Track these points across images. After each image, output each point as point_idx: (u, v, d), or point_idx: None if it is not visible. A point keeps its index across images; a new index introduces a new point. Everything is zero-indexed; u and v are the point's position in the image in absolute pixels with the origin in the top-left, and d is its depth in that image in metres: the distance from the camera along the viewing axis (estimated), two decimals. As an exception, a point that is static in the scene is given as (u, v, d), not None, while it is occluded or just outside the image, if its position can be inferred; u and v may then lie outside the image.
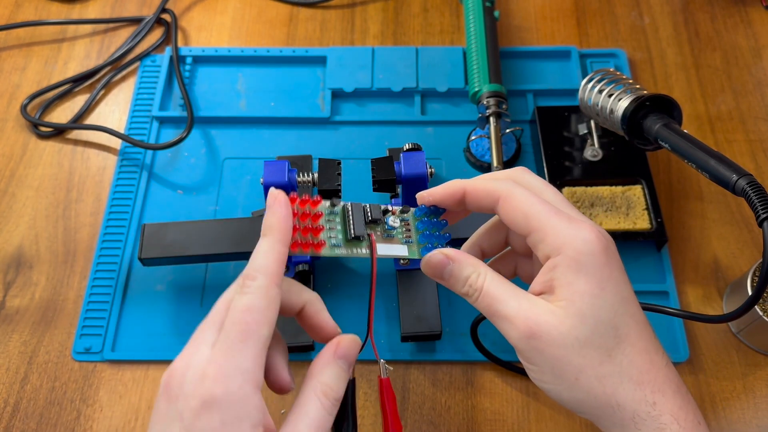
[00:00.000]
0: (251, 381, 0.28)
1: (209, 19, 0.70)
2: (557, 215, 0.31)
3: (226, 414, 0.27)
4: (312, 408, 0.29)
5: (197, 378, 0.27)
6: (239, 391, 0.27)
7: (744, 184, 0.39)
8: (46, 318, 0.52)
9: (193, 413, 0.27)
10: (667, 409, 0.30)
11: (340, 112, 0.63)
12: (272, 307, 0.29)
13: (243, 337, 0.28)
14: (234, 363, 0.28)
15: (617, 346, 0.30)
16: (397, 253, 0.35)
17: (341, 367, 0.31)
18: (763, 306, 0.48)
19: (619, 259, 0.32)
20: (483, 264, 0.33)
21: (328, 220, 0.34)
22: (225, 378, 0.27)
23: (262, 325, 0.29)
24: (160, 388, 0.29)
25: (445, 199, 0.35)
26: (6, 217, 0.57)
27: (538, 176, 0.35)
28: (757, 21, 0.68)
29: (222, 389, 0.27)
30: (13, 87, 0.65)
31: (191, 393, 0.27)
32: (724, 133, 0.61)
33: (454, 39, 0.68)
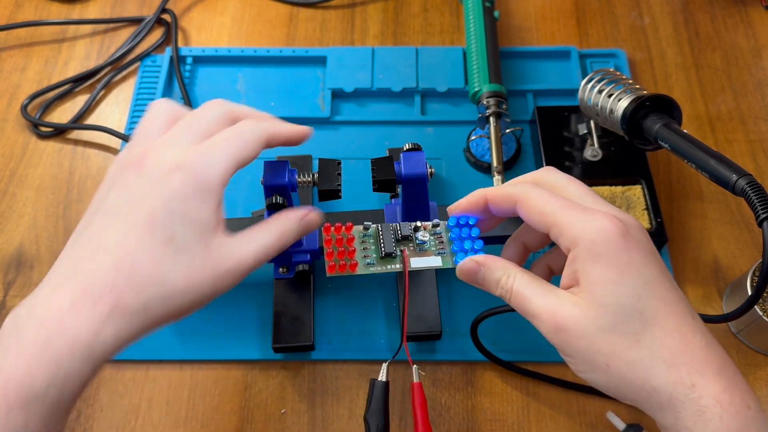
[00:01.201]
0: (221, 175, 0.33)
1: (209, 19, 0.70)
2: (571, 208, 0.32)
3: (198, 185, 0.32)
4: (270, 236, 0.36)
5: (175, 155, 0.33)
6: (212, 176, 0.33)
7: (744, 184, 0.39)
8: (46, 318, 0.52)
9: (166, 174, 0.32)
10: (709, 392, 0.29)
11: (340, 112, 0.63)
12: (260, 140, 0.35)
13: (224, 151, 0.34)
14: (214, 156, 0.33)
15: (645, 329, 0.30)
16: (432, 264, 0.37)
17: (301, 227, 0.38)
18: (763, 306, 0.48)
19: (643, 242, 0.31)
20: (513, 266, 0.34)
21: (362, 242, 0.38)
22: (203, 160, 0.33)
23: (243, 149, 0.34)
24: (127, 164, 0.34)
25: (470, 208, 0.36)
26: (6, 217, 0.57)
27: (563, 173, 0.35)
28: (757, 21, 0.69)
29: (200, 164, 0.33)
30: (13, 87, 0.65)
31: (168, 163, 0.33)
32: (724, 133, 0.61)
33: (454, 39, 0.68)
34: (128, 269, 0.31)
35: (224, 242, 0.34)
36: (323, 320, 0.52)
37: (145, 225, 0.32)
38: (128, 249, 0.31)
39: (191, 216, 0.32)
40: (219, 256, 0.33)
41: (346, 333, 0.51)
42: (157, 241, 0.31)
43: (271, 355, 0.50)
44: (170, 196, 0.32)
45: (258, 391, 0.49)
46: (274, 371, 0.50)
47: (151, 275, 0.31)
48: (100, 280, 0.31)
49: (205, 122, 0.35)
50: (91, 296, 0.30)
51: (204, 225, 0.33)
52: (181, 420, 0.48)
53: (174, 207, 0.32)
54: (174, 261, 0.32)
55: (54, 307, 0.30)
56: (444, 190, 0.58)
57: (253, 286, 0.52)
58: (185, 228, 0.32)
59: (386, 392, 0.37)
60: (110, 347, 0.31)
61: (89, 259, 0.31)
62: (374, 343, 0.51)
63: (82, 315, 0.30)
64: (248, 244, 0.35)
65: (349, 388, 0.49)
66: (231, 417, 0.48)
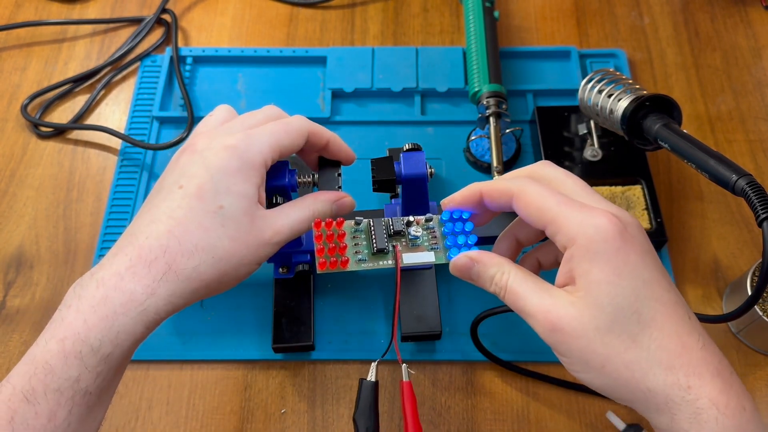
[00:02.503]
0: (263, 156, 0.37)
1: (209, 20, 0.70)
2: (569, 205, 0.31)
3: (241, 162, 0.36)
4: (304, 212, 0.39)
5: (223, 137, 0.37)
6: (255, 155, 0.37)
7: (744, 184, 0.39)
8: (46, 318, 0.52)
9: (214, 153, 0.36)
10: (705, 393, 0.28)
11: (340, 112, 0.63)
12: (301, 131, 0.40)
13: (268, 136, 0.38)
14: (256, 138, 0.37)
15: (642, 331, 0.29)
16: (424, 260, 0.37)
17: (333, 210, 0.41)
18: (762, 306, 0.48)
19: (640, 241, 0.31)
20: (508, 262, 0.34)
21: (353, 238, 0.37)
22: (247, 141, 0.37)
23: (285, 137, 0.38)
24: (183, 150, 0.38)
25: (464, 202, 0.36)
26: (6, 217, 0.57)
27: (559, 168, 0.35)
28: (757, 21, 0.69)
29: (243, 144, 0.37)
30: (13, 87, 0.65)
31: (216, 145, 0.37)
32: (724, 133, 0.61)
33: (454, 39, 0.68)
34: (180, 235, 0.34)
35: (265, 214, 0.37)
36: (323, 320, 0.52)
37: (195, 196, 0.35)
38: (180, 217, 0.35)
39: (236, 189, 0.36)
40: (260, 226, 0.36)
41: (346, 333, 0.51)
42: (207, 210, 0.35)
43: (271, 355, 0.50)
44: (218, 171, 0.36)
45: (258, 391, 0.49)
46: (274, 371, 0.50)
47: (201, 240, 0.34)
48: (154, 244, 0.34)
49: (256, 118, 0.40)
50: (147, 259, 0.33)
51: (248, 198, 0.36)
52: (181, 420, 0.48)
53: (221, 180, 0.35)
54: (222, 228, 0.35)
55: (113, 269, 0.33)
56: (444, 190, 0.58)
57: (253, 286, 0.52)
58: (231, 199, 0.35)
59: (375, 392, 0.37)
60: (163, 309, 0.33)
61: (145, 228, 0.35)
62: (374, 343, 0.51)
63: (138, 275, 0.33)
64: (285, 218, 0.38)
65: (349, 388, 0.49)
66: (231, 417, 0.48)
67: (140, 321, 0.33)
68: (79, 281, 0.34)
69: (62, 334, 0.32)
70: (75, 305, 0.33)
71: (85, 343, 0.32)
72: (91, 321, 0.32)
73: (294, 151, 0.40)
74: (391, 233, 0.37)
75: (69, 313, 0.33)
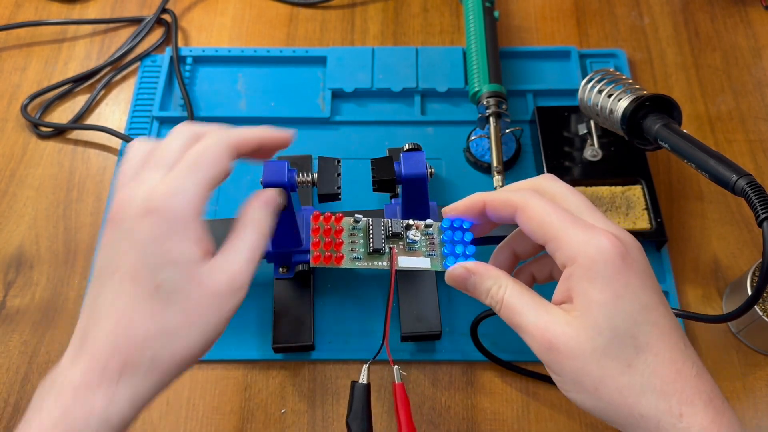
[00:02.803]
0: (192, 204, 0.32)
1: (209, 20, 0.70)
2: (573, 223, 0.31)
3: (169, 224, 0.31)
4: (248, 233, 0.35)
5: (142, 198, 0.32)
6: (182, 210, 0.32)
7: (744, 184, 0.39)
8: (46, 318, 0.52)
9: (136, 222, 0.31)
10: (697, 422, 0.28)
11: (340, 112, 0.63)
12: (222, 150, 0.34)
13: (188, 178, 0.32)
14: (179, 188, 0.32)
15: (638, 355, 0.29)
16: (420, 265, 0.36)
17: (267, 210, 0.37)
18: (763, 306, 0.48)
19: (641, 265, 0.31)
20: (505, 275, 0.33)
21: (351, 235, 0.37)
22: (169, 195, 0.32)
23: (208, 168, 0.33)
24: (108, 219, 0.33)
25: (467, 212, 0.36)
26: (6, 217, 0.57)
27: (563, 183, 0.34)
28: (757, 21, 0.69)
29: (164, 203, 0.31)
30: (13, 87, 0.65)
31: (136, 210, 0.32)
32: (724, 133, 0.61)
33: (454, 39, 0.68)
34: (125, 329, 0.31)
35: (213, 266, 0.33)
36: (323, 320, 0.52)
37: (130, 280, 0.31)
38: (121, 309, 0.31)
39: (171, 257, 0.31)
40: (212, 282, 0.32)
41: (346, 333, 0.51)
42: (146, 293, 0.31)
43: (271, 355, 0.50)
44: (145, 244, 0.31)
45: (258, 391, 0.49)
46: (274, 371, 0.50)
47: (150, 328, 0.31)
48: (103, 346, 0.31)
49: (170, 151, 0.34)
50: (98, 364, 0.30)
51: (187, 260, 0.32)
52: (180, 420, 0.48)
53: (151, 254, 0.31)
54: (168, 306, 0.31)
55: (68, 380, 0.30)
56: (444, 190, 0.58)
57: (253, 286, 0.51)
58: (169, 271, 0.31)
59: (367, 394, 0.36)
60: (128, 412, 0.31)
61: (93, 328, 0.31)
62: (374, 343, 0.51)
63: (93, 384, 0.30)
64: (235, 255, 0.34)
65: (349, 388, 0.49)
66: (231, 417, 0.48)
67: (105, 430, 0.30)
68: (42, 386, 0.31)
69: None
70: (37, 420, 0.30)
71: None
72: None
73: (226, 175, 0.34)
74: (389, 235, 0.37)
75: (31, 428, 0.30)
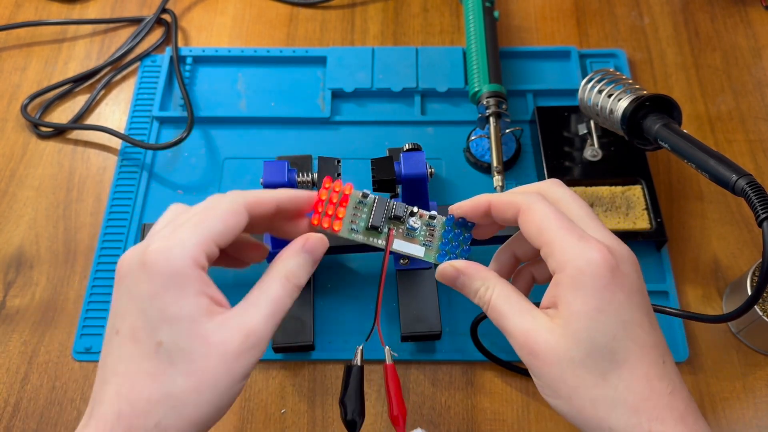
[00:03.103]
0: (189, 257, 0.30)
1: (209, 20, 0.70)
2: (569, 231, 0.31)
3: (165, 278, 0.29)
4: (274, 286, 0.32)
5: (139, 254, 0.30)
6: (178, 262, 0.29)
7: (744, 184, 0.39)
8: (46, 318, 0.52)
9: (135, 279, 0.30)
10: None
11: (340, 112, 0.63)
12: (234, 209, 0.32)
13: (190, 231, 0.30)
14: (176, 241, 0.30)
15: (613, 370, 0.29)
16: (414, 252, 0.36)
17: (306, 259, 0.33)
18: (762, 306, 0.48)
19: (631, 280, 0.31)
20: (494, 277, 0.34)
21: (355, 208, 0.36)
22: (165, 249, 0.29)
23: (215, 222, 0.31)
24: (115, 278, 0.31)
25: (471, 211, 0.36)
26: (6, 217, 0.57)
27: (568, 189, 0.35)
28: (757, 21, 0.69)
29: (161, 257, 0.29)
30: (13, 87, 0.65)
31: (134, 265, 0.30)
32: (724, 133, 0.61)
33: (454, 39, 0.68)
34: (128, 393, 0.29)
35: (224, 321, 0.30)
36: (323, 320, 0.52)
37: (130, 340, 0.29)
38: (122, 372, 0.29)
39: (169, 313, 0.29)
40: (221, 339, 0.29)
41: (346, 333, 0.51)
42: (146, 353, 0.29)
43: (271, 355, 0.50)
44: (143, 300, 0.29)
45: (258, 391, 0.49)
46: (274, 371, 0.50)
47: (153, 392, 0.29)
48: (107, 412, 0.29)
49: (190, 213, 0.32)
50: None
51: (189, 316, 0.29)
52: (181, 420, 0.48)
53: (149, 311, 0.29)
54: (171, 368, 0.29)
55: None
56: (444, 190, 0.58)
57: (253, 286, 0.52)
58: (169, 328, 0.29)
59: (361, 376, 0.37)
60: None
61: (99, 392, 0.30)
62: (374, 343, 0.50)
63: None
64: (254, 309, 0.31)
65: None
66: (231, 417, 0.48)
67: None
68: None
69: None
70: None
71: None
72: None
73: (234, 234, 0.32)
74: (391, 216, 0.37)
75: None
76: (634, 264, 0.32)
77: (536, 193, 0.34)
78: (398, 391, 0.36)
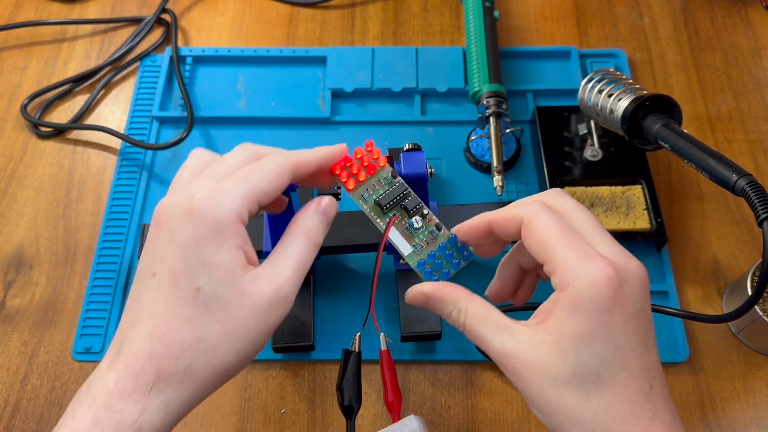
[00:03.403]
0: (235, 211, 0.31)
1: (209, 19, 0.70)
2: (572, 248, 0.30)
3: (210, 227, 0.30)
4: (298, 244, 0.33)
5: (186, 201, 0.31)
6: (224, 213, 0.30)
7: (744, 184, 0.39)
8: (46, 318, 0.52)
9: (179, 224, 0.30)
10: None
11: (340, 112, 0.63)
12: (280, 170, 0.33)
13: (238, 186, 0.31)
14: (224, 193, 0.31)
15: (596, 392, 0.29)
16: (401, 248, 0.36)
17: (321, 219, 0.35)
18: (763, 306, 0.48)
19: (633, 303, 0.30)
20: (465, 298, 0.33)
21: (378, 181, 0.37)
22: (213, 200, 0.31)
23: (261, 181, 0.32)
24: (152, 220, 0.32)
25: (471, 233, 0.35)
26: (6, 217, 0.57)
27: (571, 199, 0.33)
28: (757, 21, 0.69)
29: (209, 206, 0.30)
30: (13, 87, 0.65)
31: (180, 212, 0.31)
32: (724, 133, 0.61)
33: (454, 39, 0.68)
34: (162, 335, 0.30)
35: (257, 275, 0.31)
36: (323, 320, 0.52)
37: (170, 283, 0.30)
38: (159, 314, 0.30)
39: (211, 261, 0.30)
40: (255, 291, 0.31)
41: (346, 333, 0.51)
42: (185, 298, 0.30)
43: (271, 355, 0.50)
44: (186, 246, 0.30)
45: (258, 391, 0.49)
46: (274, 371, 0.50)
47: (187, 336, 0.30)
48: (138, 352, 0.30)
49: (227, 165, 0.33)
50: (132, 370, 0.29)
51: (228, 267, 0.30)
52: (181, 420, 0.48)
53: (191, 257, 0.30)
54: (207, 314, 0.30)
55: (103, 384, 0.30)
56: (444, 190, 0.58)
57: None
58: (209, 276, 0.30)
59: (358, 362, 0.37)
60: (160, 423, 0.30)
61: (129, 331, 0.31)
62: (374, 343, 0.50)
63: (126, 391, 0.29)
64: (283, 264, 0.32)
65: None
66: (231, 417, 0.48)
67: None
68: (79, 392, 0.31)
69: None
70: (69, 425, 0.30)
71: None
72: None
73: (276, 193, 0.33)
74: (402, 204, 0.37)
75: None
76: (640, 282, 0.30)
77: (538, 202, 0.32)
78: (393, 377, 0.37)
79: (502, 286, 0.37)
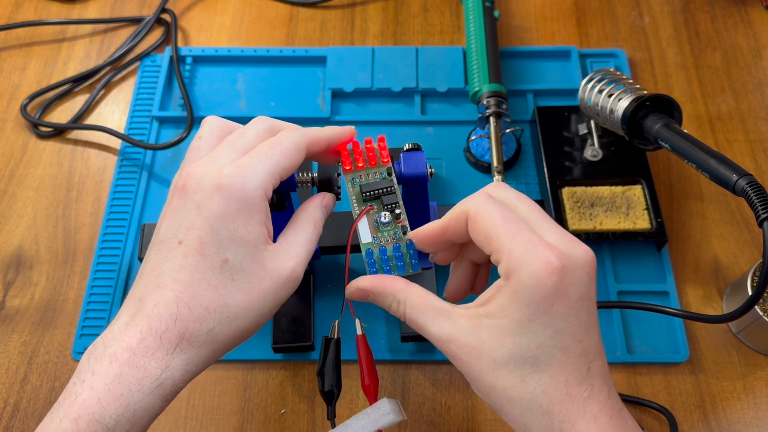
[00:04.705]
0: (261, 188, 0.33)
1: (209, 19, 0.70)
2: (516, 237, 0.31)
3: (239, 203, 0.33)
4: (308, 229, 0.36)
5: (215, 174, 0.33)
6: (252, 191, 0.33)
7: (744, 184, 0.39)
8: (46, 318, 0.52)
9: (208, 197, 0.33)
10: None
11: (340, 112, 0.63)
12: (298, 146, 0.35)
13: (263, 163, 0.34)
14: (251, 170, 0.33)
15: (532, 374, 0.30)
16: (363, 236, 0.37)
17: (324, 212, 0.38)
18: (763, 306, 0.48)
19: (576, 289, 0.30)
20: (402, 289, 0.34)
21: (373, 173, 0.39)
22: (241, 176, 0.33)
23: (283, 159, 0.34)
24: (174, 190, 0.34)
25: (426, 240, 0.36)
26: (6, 217, 0.57)
27: (513, 190, 0.34)
28: (757, 21, 0.68)
29: (238, 182, 0.33)
30: (13, 87, 0.65)
31: (208, 184, 0.33)
32: (724, 133, 0.61)
33: (454, 39, 0.68)
34: (188, 300, 0.32)
35: (276, 251, 0.34)
36: (323, 320, 0.51)
37: (197, 252, 0.32)
38: (185, 280, 0.32)
39: (238, 235, 0.33)
40: (275, 266, 0.34)
41: (346, 333, 0.51)
42: (212, 266, 0.32)
43: (271, 355, 0.50)
44: (215, 219, 0.32)
45: (258, 391, 0.49)
46: (274, 371, 0.50)
47: (212, 301, 0.32)
48: (163, 313, 0.31)
49: (247, 138, 0.36)
50: (157, 330, 0.31)
51: (253, 241, 0.33)
52: (180, 420, 0.48)
53: (220, 229, 0.32)
54: (232, 283, 0.33)
55: (124, 342, 0.31)
56: (444, 190, 0.58)
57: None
58: (236, 248, 0.33)
59: (337, 349, 0.38)
60: (180, 379, 0.32)
61: (152, 293, 0.32)
62: (374, 343, 0.51)
63: (150, 349, 0.31)
64: (295, 244, 0.35)
65: (349, 387, 0.49)
66: (231, 417, 0.48)
67: (157, 396, 0.31)
68: (92, 351, 0.32)
69: (76, 413, 0.30)
70: (89, 381, 0.31)
71: (100, 423, 0.30)
72: (106, 400, 0.30)
73: (294, 169, 0.36)
74: (381, 197, 0.38)
75: (83, 390, 0.31)
76: (586, 267, 0.31)
77: (482, 194, 0.33)
78: (369, 361, 0.37)
79: (458, 285, 0.38)
